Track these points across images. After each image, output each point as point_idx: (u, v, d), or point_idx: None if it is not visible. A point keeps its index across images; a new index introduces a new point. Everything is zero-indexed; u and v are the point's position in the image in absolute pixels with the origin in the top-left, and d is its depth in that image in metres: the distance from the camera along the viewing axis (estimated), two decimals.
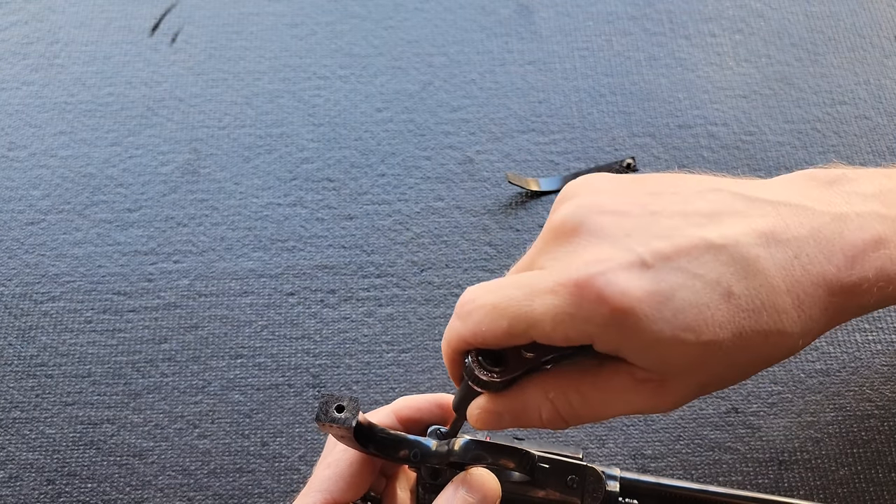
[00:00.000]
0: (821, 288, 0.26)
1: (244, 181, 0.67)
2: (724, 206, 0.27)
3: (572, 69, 0.72)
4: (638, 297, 0.25)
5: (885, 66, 0.72)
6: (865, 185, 0.28)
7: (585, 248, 0.26)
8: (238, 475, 0.55)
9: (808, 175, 0.30)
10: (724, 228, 0.26)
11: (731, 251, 0.26)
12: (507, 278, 0.28)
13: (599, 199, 0.28)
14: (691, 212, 0.27)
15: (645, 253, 0.26)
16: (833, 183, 0.29)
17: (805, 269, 0.26)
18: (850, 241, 0.27)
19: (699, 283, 0.25)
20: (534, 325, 0.27)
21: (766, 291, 0.26)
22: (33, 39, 0.75)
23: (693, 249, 0.26)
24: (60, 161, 0.68)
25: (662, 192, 0.28)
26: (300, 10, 0.76)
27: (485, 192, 0.66)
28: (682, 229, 0.26)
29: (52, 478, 0.55)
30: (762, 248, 0.26)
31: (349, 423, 0.33)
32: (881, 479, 0.54)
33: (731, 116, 0.69)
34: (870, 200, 0.28)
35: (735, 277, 0.26)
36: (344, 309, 0.61)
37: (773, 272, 0.26)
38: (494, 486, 0.34)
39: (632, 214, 0.27)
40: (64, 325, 0.61)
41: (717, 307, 0.25)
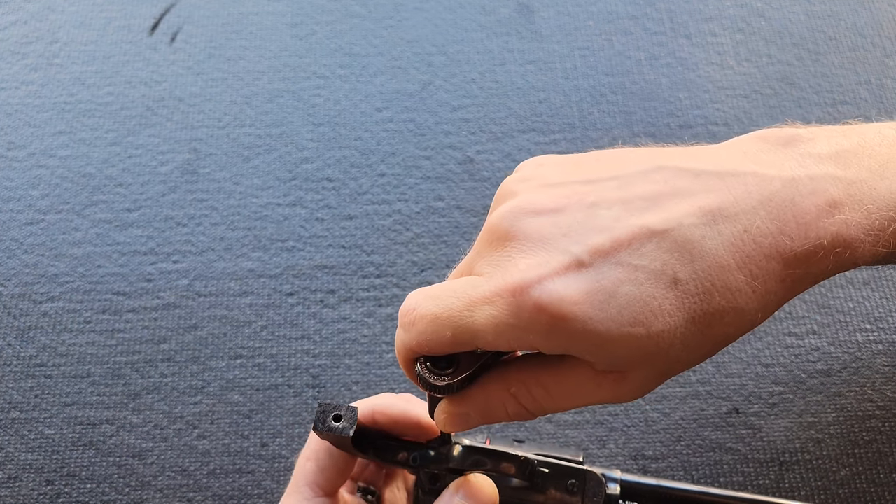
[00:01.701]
0: (774, 260, 0.25)
1: (244, 181, 0.67)
2: (667, 185, 0.26)
3: (573, 68, 0.72)
4: (576, 301, 0.24)
5: (886, 66, 0.72)
6: (821, 144, 0.27)
7: (521, 254, 0.26)
8: (237, 476, 0.55)
9: (759, 136, 0.28)
10: (666, 212, 0.25)
11: (674, 235, 0.25)
12: (447, 284, 0.28)
13: (534, 197, 0.27)
14: (632, 197, 0.26)
15: (581, 252, 0.25)
16: (786, 144, 0.27)
17: (756, 242, 0.25)
18: (803, 208, 0.25)
19: (642, 275, 0.25)
20: (477, 336, 0.26)
21: (716, 272, 0.25)
22: (32, 39, 0.75)
23: (633, 240, 0.25)
24: (59, 161, 0.68)
25: (601, 178, 0.27)
26: (300, 9, 0.76)
27: (485, 192, 0.66)
28: (622, 219, 0.25)
29: (51, 478, 0.55)
30: (708, 226, 0.25)
31: (347, 432, 0.33)
32: (882, 479, 0.54)
33: (731, 116, 0.69)
34: (824, 161, 0.26)
35: (680, 262, 0.25)
36: (344, 309, 0.61)
37: (720, 251, 0.25)
38: (491, 492, 0.33)
39: (568, 209, 0.26)
40: (63, 325, 0.61)
41: (663, 297, 0.25)
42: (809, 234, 0.25)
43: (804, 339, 0.59)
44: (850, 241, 0.25)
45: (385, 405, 0.38)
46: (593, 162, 0.28)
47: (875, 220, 0.25)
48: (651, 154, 0.28)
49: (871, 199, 0.25)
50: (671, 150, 0.28)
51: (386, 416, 0.37)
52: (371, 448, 0.36)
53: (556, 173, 0.28)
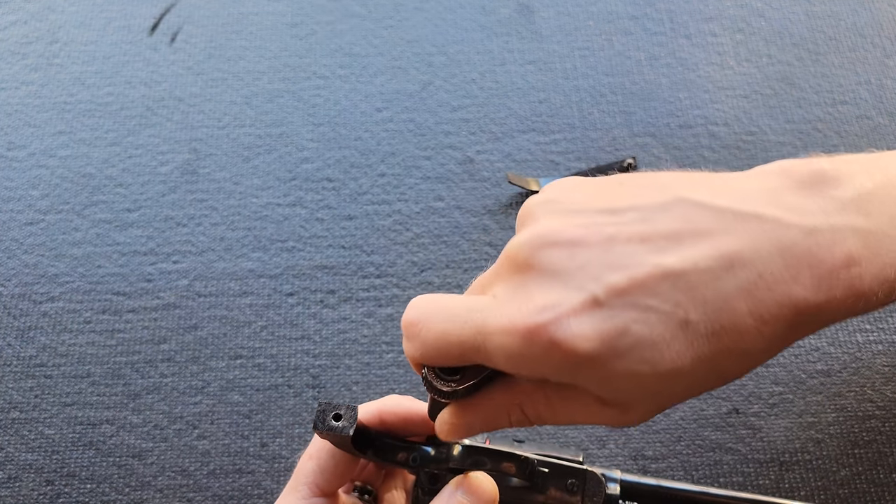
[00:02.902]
0: (786, 307, 0.25)
1: (243, 181, 0.67)
2: (688, 223, 0.26)
3: (573, 69, 0.72)
4: (589, 338, 0.25)
5: (886, 66, 0.72)
6: (844, 187, 0.26)
7: (538, 287, 0.26)
8: (237, 476, 0.55)
9: (785, 170, 0.27)
10: (683, 252, 0.25)
11: (689, 277, 0.25)
12: (460, 301, 0.28)
13: (555, 226, 0.27)
14: (650, 233, 0.26)
15: (597, 290, 0.25)
16: (811, 185, 0.27)
17: (770, 289, 0.25)
18: (821, 259, 0.25)
19: (653, 316, 0.25)
20: (486, 360, 0.27)
21: (727, 315, 0.25)
22: (32, 39, 0.75)
23: (649, 279, 0.25)
24: (59, 161, 0.68)
25: (621, 208, 0.27)
26: (300, 9, 0.76)
27: (485, 192, 0.66)
28: (639, 256, 0.25)
29: (51, 478, 0.55)
30: (724, 269, 0.25)
31: (346, 431, 0.33)
32: (883, 479, 0.54)
33: (731, 116, 0.69)
34: (847, 209, 0.26)
35: (692, 304, 0.25)
36: (343, 309, 0.61)
37: (733, 294, 0.25)
38: (492, 490, 0.34)
39: (586, 243, 0.26)
40: (63, 325, 0.61)
41: (673, 337, 0.25)
42: (822, 286, 0.25)
43: (804, 340, 0.59)
44: (862, 293, 0.25)
45: (393, 405, 0.38)
46: (616, 188, 0.28)
47: (890, 273, 0.26)
48: (674, 183, 0.27)
49: (888, 250, 0.26)
50: (695, 179, 0.28)
51: (395, 415, 0.38)
52: (371, 448, 0.36)
53: (579, 198, 0.28)
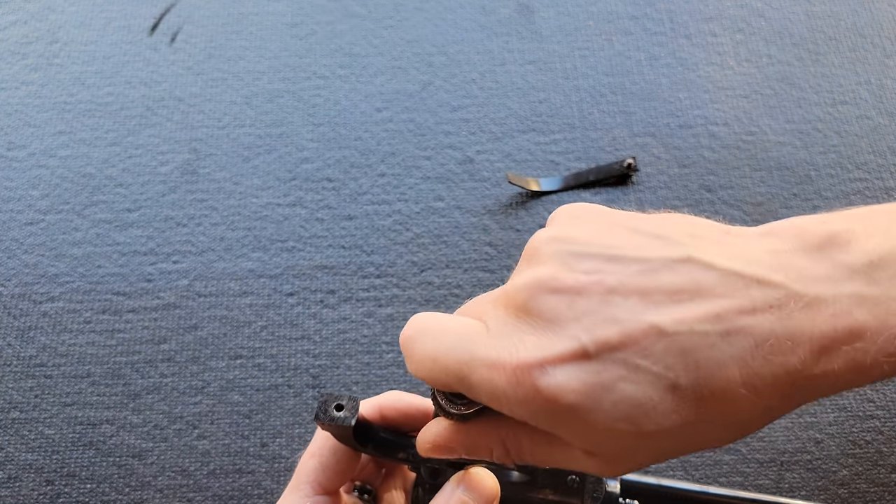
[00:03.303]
0: (781, 379, 0.24)
1: (243, 181, 0.67)
2: (690, 282, 0.25)
3: (573, 69, 0.72)
4: (574, 390, 0.25)
5: (886, 66, 0.72)
6: (856, 252, 0.25)
7: (531, 330, 0.26)
8: (237, 476, 0.55)
9: (799, 230, 0.26)
10: (680, 313, 0.25)
11: (683, 340, 0.24)
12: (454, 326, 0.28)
13: (557, 273, 0.26)
14: (651, 289, 0.25)
15: (589, 342, 0.25)
16: (821, 248, 0.26)
17: (766, 360, 0.24)
18: (822, 332, 0.24)
19: (642, 376, 0.24)
20: (470, 390, 0.27)
21: (718, 382, 0.24)
22: (32, 39, 0.75)
23: (642, 338, 0.25)
24: (59, 161, 0.68)
25: (627, 257, 0.26)
26: (300, 9, 0.76)
27: (485, 192, 0.66)
28: (636, 313, 0.25)
29: (51, 478, 0.55)
30: (719, 336, 0.24)
31: (348, 422, 0.33)
32: (882, 479, 0.54)
33: (731, 116, 0.69)
34: (856, 277, 0.25)
35: (683, 369, 0.24)
36: (344, 309, 0.61)
37: (727, 362, 0.24)
38: (493, 486, 0.34)
39: (586, 292, 0.26)
40: (63, 325, 0.61)
41: (660, 399, 0.24)
42: (822, 360, 0.24)
43: None
44: (864, 368, 0.24)
45: (393, 399, 0.38)
46: (627, 233, 0.27)
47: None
48: (685, 235, 0.27)
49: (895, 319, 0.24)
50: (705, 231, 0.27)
51: (395, 409, 0.38)
52: (371, 443, 0.36)
53: (587, 237, 0.27)
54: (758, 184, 0.66)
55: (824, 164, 0.67)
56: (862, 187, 0.66)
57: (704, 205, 0.65)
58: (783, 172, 0.67)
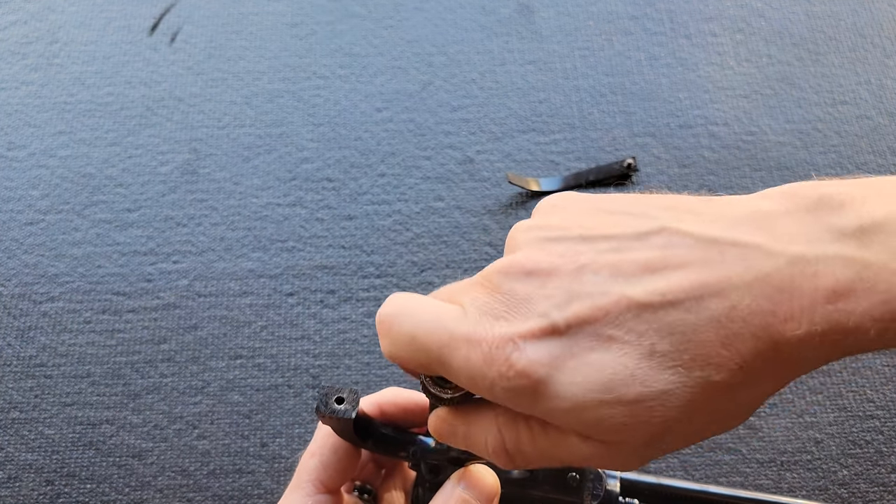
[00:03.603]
0: (762, 340, 0.24)
1: (243, 181, 0.67)
2: (664, 253, 0.25)
3: (573, 69, 0.72)
4: (544, 364, 0.25)
5: (886, 66, 0.72)
6: (849, 214, 0.24)
7: (505, 310, 0.26)
8: (237, 476, 0.55)
9: (790, 193, 0.26)
10: (653, 282, 0.24)
11: (655, 308, 0.24)
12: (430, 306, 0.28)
13: (531, 255, 0.27)
14: (623, 262, 0.25)
15: (559, 318, 0.25)
16: (812, 209, 0.25)
17: (745, 321, 0.24)
18: (801, 290, 0.23)
19: (615, 345, 0.24)
20: (450, 373, 0.27)
21: (696, 346, 0.24)
22: (32, 39, 0.75)
23: (613, 308, 0.24)
24: (59, 161, 0.68)
25: (600, 235, 0.26)
26: (300, 9, 0.76)
27: (485, 192, 0.66)
28: (606, 286, 0.25)
29: (50, 478, 0.55)
30: (693, 300, 0.24)
31: (349, 414, 0.33)
32: (882, 479, 0.54)
33: (731, 116, 0.69)
34: (845, 238, 0.24)
35: (658, 335, 0.24)
36: (343, 309, 0.61)
37: (703, 326, 0.24)
38: (493, 483, 0.34)
39: (558, 272, 0.26)
40: (63, 325, 0.61)
41: (636, 365, 0.24)
42: (802, 320, 0.23)
43: None
44: (850, 330, 0.23)
45: (392, 395, 0.38)
46: (602, 214, 0.27)
47: (886, 311, 0.23)
48: (664, 211, 0.27)
49: (887, 285, 0.23)
50: (690, 205, 0.27)
51: (395, 405, 0.38)
52: (371, 438, 0.36)
53: (562, 223, 0.27)
54: (758, 184, 0.66)
55: (824, 164, 0.67)
56: None
57: None
58: (783, 172, 0.67)
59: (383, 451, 0.36)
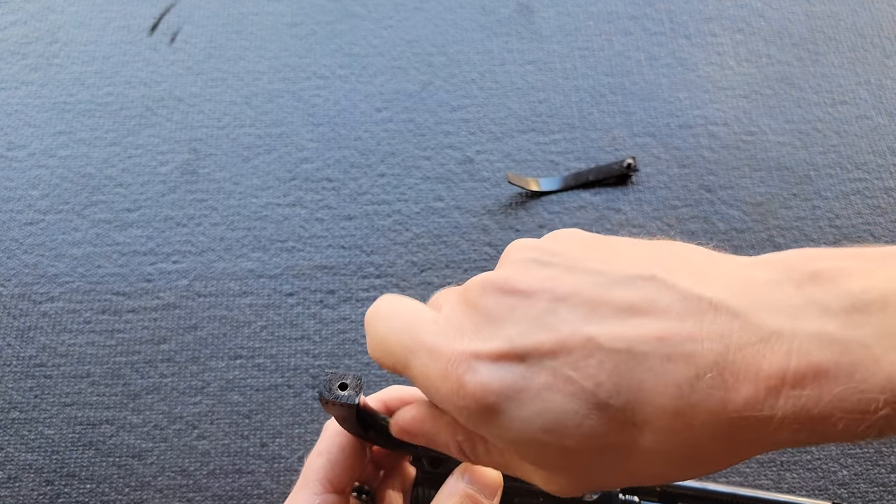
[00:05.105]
0: (719, 416, 0.22)
1: (243, 181, 0.67)
2: (643, 300, 0.24)
3: (573, 69, 0.72)
4: (494, 390, 0.24)
5: (886, 66, 0.72)
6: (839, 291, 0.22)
7: (472, 326, 0.26)
8: (237, 476, 0.55)
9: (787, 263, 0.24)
10: (624, 328, 0.23)
11: (620, 358, 0.23)
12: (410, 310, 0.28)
13: (515, 276, 0.26)
14: (601, 301, 0.24)
15: (521, 345, 0.24)
16: (804, 282, 0.23)
17: (705, 393, 0.22)
18: (770, 370, 0.22)
19: (570, 388, 0.23)
20: (411, 377, 0.27)
21: (650, 409, 0.23)
22: (32, 39, 0.75)
23: (577, 349, 0.23)
24: (59, 161, 0.68)
25: (588, 270, 0.25)
26: (300, 9, 0.76)
27: (485, 192, 0.66)
28: (576, 323, 0.24)
29: (50, 478, 0.55)
30: (658, 360, 0.23)
31: (352, 400, 0.33)
32: (882, 479, 0.54)
33: (731, 116, 0.69)
34: (828, 317, 0.22)
35: (615, 388, 0.23)
36: (343, 309, 0.61)
37: (662, 389, 0.23)
38: (496, 477, 0.34)
39: (534, 298, 0.25)
40: (63, 325, 0.61)
41: (586, 415, 0.23)
42: (766, 402, 0.22)
43: None
44: (812, 419, 0.22)
45: (396, 391, 0.38)
46: (600, 249, 0.27)
47: (860, 401, 0.21)
48: (662, 258, 0.25)
49: (866, 373, 0.21)
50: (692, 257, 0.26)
51: (400, 400, 0.38)
52: (373, 429, 0.36)
53: (559, 251, 0.27)
54: (757, 184, 0.66)
55: (824, 164, 0.67)
56: (861, 187, 0.66)
57: (704, 205, 0.65)
58: (783, 172, 0.67)
59: (384, 442, 0.36)
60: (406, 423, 0.30)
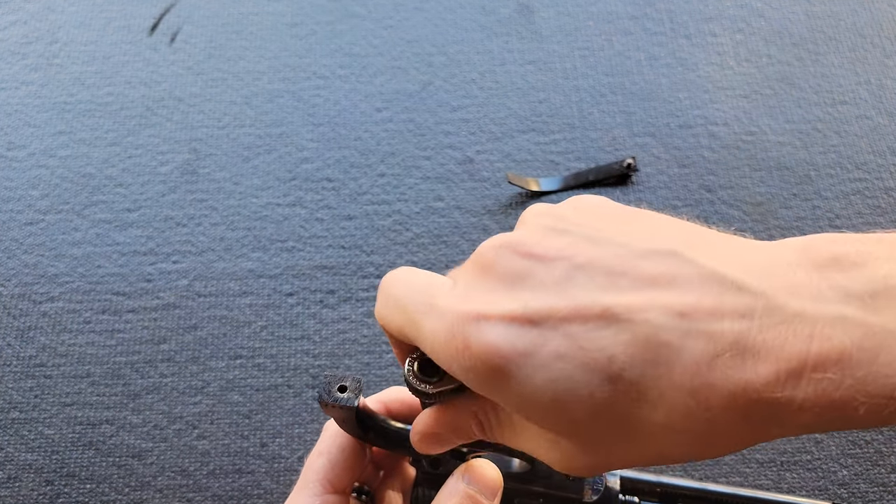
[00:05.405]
0: (737, 397, 0.21)
1: (243, 181, 0.67)
2: (664, 273, 0.23)
3: (573, 69, 0.72)
4: (504, 354, 0.23)
5: (886, 66, 0.72)
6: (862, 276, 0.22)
7: (485, 286, 0.25)
8: (237, 476, 0.55)
9: (805, 247, 0.24)
10: (642, 300, 0.22)
11: (637, 330, 0.22)
12: (426, 276, 0.28)
13: (532, 238, 0.25)
14: (620, 271, 0.23)
15: (535, 308, 0.23)
16: (824, 266, 0.23)
17: (723, 372, 0.21)
18: (791, 352, 0.21)
19: (583, 357, 0.22)
20: (420, 341, 0.26)
21: (665, 385, 0.22)
22: (32, 39, 0.75)
23: (593, 317, 0.23)
24: (59, 161, 0.68)
25: (611, 240, 0.24)
26: (300, 9, 0.76)
27: (485, 192, 0.66)
28: (594, 291, 0.23)
29: (50, 478, 0.55)
30: (677, 335, 0.22)
31: (352, 402, 0.33)
32: (882, 479, 0.54)
33: (731, 116, 0.69)
34: (851, 301, 0.21)
35: (629, 360, 0.22)
36: (343, 309, 0.61)
37: (679, 366, 0.22)
38: (496, 477, 0.34)
39: (552, 262, 0.24)
40: (63, 325, 0.61)
41: (597, 386, 0.22)
42: (787, 384, 0.21)
43: None
44: (835, 403, 0.21)
45: (396, 393, 0.38)
46: (619, 221, 0.26)
47: (883, 385, 0.21)
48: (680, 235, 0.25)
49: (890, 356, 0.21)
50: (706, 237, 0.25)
51: (400, 402, 0.38)
52: (372, 431, 0.36)
53: (578, 219, 0.26)
54: (758, 184, 0.66)
55: (824, 163, 0.67)
56: (862, 187, 0.66)
57: (704, 205, 0.65)
58: (783, 172, 0.67)
59: (384, 443, 0.36)
60: (424, 427, 0.29)
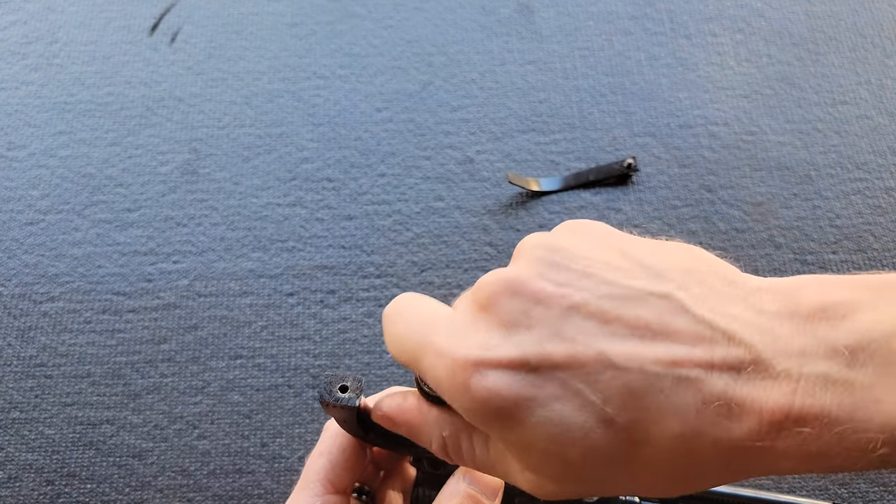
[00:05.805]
0: (722, 444, 0.23)
1: (243, 181, 0.67)
2: (657, 320, 0.24)
3: (573, 69, 0.72)
4: (503, 397, 0.24)
5: (886, 66, 0.72)
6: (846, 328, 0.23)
7: (484, 328, 0.26)
8: (237, 476, 0.55)
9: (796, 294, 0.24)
10: (637, 348, 0.23)
11: (630, 377, 0.23)
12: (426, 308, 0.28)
13: (528, 276, 0.26)
14: (615, 316, 0.24)
15: (532, 354, 0.24)
16: (811, 317, 0.23)
17: (711, 421, 0.23)
18: (774, 407, 0.22)
19: (578, 402, 0.24)
20: (423, 375, 0.27)
21: (654, 431, 0.23)
22: (32, 39, 0.75)
23: (589, 364, 0.24)
24: (60, 161, 0.68)
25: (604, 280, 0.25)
26: (300, 9, 0.76)
27: (485, 192, 0.66)
28: (589, 337, 0.24)
29: (51, 478, 0.55)
30: (668, 383, 0.23)
31: (353, 402, 0.33)
32: (882, 479, 0.54)
33: (731, 116, 0.69)
34: (835, 357, 0.22)
35: (622, 406, 0.23)
36: (344, 309, 0.61)
37: (669, 413, 0.23)
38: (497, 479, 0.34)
39: (548, 303, 0.25)
40: (63, 325, 0.61)
41: (592, 429, 0.23)
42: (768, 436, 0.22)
43: None
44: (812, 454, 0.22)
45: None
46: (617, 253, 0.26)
47: (859, 440, 0.21)
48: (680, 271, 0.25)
49: (866, 414, 0.22)
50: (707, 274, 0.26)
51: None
52: (373, 431, 0.36)
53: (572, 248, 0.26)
54: (758, 184, 0.66)
55: (824, 163, 0.67)
56: (862, 187, 0.66)
57: (704, 205, 0.65)
58: (783, 172, 0.67)
59: (385, 443, 0.36)
60: (391, 410, 0.31)
